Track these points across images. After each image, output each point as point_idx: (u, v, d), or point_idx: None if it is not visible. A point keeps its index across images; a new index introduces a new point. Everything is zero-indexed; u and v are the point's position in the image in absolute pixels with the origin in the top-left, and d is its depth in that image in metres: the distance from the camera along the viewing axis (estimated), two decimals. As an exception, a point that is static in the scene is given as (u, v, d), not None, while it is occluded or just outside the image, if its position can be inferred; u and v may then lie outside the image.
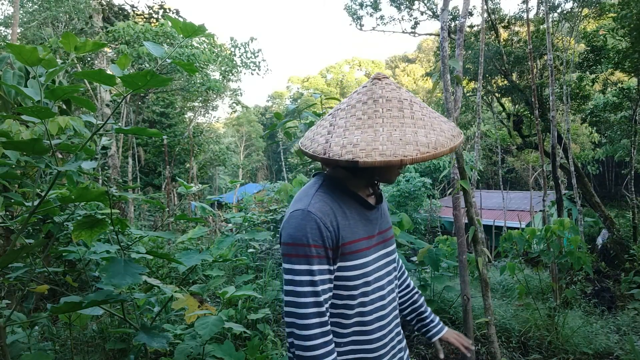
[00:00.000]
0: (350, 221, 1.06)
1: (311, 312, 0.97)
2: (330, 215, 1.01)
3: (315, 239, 0.98)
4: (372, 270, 1.10)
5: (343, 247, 1.03)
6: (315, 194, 1.05)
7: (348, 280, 1.05)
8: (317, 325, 0.97)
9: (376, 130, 0.95)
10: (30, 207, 1.43)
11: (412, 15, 12.81)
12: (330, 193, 1.06)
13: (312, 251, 0.98)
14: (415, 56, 58.69)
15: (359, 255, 1.06)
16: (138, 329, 1.77)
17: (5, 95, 2.02)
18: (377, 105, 1.01)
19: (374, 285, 1.10)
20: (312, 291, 0.98)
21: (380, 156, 0.90)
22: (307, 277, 0.98)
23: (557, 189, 6.30)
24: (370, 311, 1.09)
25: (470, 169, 2.47)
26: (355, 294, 1.06)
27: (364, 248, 1.08)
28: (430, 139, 0.95)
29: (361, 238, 1.08)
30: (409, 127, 0.96)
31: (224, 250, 4.01)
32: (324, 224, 0.99)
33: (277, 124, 2.81)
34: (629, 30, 7.88)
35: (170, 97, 17.48)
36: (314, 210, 1.00)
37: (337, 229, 1.02)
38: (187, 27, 1.44)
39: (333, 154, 0.94)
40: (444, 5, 2.31)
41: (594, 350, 3.33)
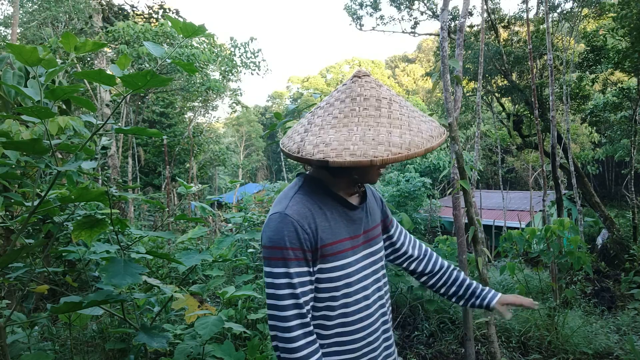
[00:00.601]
0: (330, 222, 1.05)
1: (291, 314, 0.97)
2: (308, 217, 1.01)
3: (293, 241, 0.98)
4: (355, 270, 1.09)
5: (323, 248, 1.02)
6: (294, 196, 1.04)
7: (329, 281, 1.04)
8: (298, 326, 0.97)
9: (350, 130, 0.94)
10: (30, 207, 1.43)
11: (412, 15, 12.81)
12: (310, 194, 1.06)
13: (290, 254, 0.98)
14: (415, 56, 58.69)
15: (341, 257, 1.06)
16: (138, 329, 1.77)
17: (5, 95, 2.02)
18: (355, 103, 1.00)
19: (357, 286, 1.09)
20: (291, 293, 0.98)
21: (351, 156, 0.89)
22: (285, 280, 0.98)
23: (557, 189, 6.30)
24: (353, 312, 1.08)
25: (470, 169, 2.47)
26: (337, 295, 1.05)
27: (346, 249, 1.08)
28: (404, 140, 0.93)
29: (343, 239, 1.07)
30: (383, 127, 0.95)
31: (224, 250, 4.01)
32: (301, 226, 0.99)
33: (277, 124, 2.81)
34: (629, 30, 7.88)
35: (170, 97, 17.48)
36: (291, 212, 1.00)
37: (315, 231, 1.01)
38: (187, 27, 1.45)
39: (305, 152, 0.94)
40: (443, 5, 2.31)
41: (594, 350, 3.33)
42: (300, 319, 0.98)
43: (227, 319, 2.62)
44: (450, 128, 2.21)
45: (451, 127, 2.20)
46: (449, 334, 3.63)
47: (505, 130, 13.88)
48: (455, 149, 2.22)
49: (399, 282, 4.05)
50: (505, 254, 5.56)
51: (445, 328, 3.74)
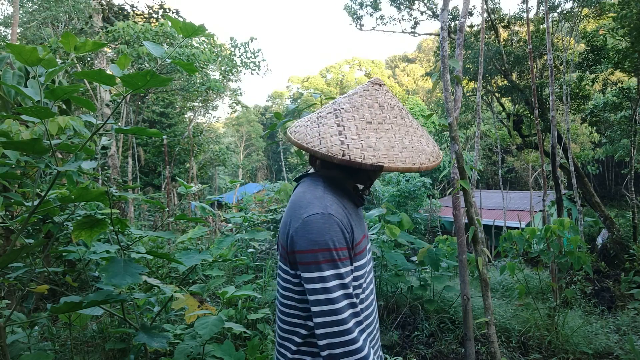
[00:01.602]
0: (354, 221, 1.06)
1: (349, 314, 0.94)
2: (345, 216, 1.01)
3: (341, 241, 0.97)
4: (370, 268, 1.14)
5: (355, 247, 1.03)
6: (325, 195, 1.02)
7: (356, 279, 1.04)
8: (355, 325, 0.95)
9: (390, 137, 0.99)
10: (30, 207, 1.43)
11: (412, 15, 12.81)
12: (335, 194, 1.05)
13: (340, 254, 0.96)
14: (415, 56, 58.69)
15: (363, 255, 1.08)
16: (138, 329, 1.77)
17: (5, 95, 2.02)
18: (384, 111, 1.04)
19: (371, 284, 1.14)
20: (345, 294, 0.95)
21: (402, 163, 0.94)
22: (337, 282, 0.95)
23: (557, 189, 6.30)
24: (367, 307, 1.10)
25: (470, 169, 2.47)
26: (357, 293, 1.05)
27: (365, 247, 1.10)
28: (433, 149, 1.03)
29: (362, 237, 1.10)
30: (414, 136, 1.03)
31: (224, 250, 4.01)
32: (344, 225, 0.99)
33: (277, 124, 2.82)
34: (629, 30, 7.88)
35: (170, 97, 17.48)
36: (333, 212, 0.98)
37: (352, 230, 1.02)
38: (187, 27, 1.45)
39: (354, 156, 0.94)
40: (443, 5, 2.31)
41: (594, 350, 3.34)
42: (355, 317, 0.95)
43: (227, 319, 2.62)
44: (450, 128, 2.21)
45: (451, 127, 2.20)
46: (449, 334, 3.63)
47: (505, 130, 13.88)
48: (455, 149, 2.22)
49: (399, 282, 4.05)
50: (505, 254, 5.56)
51: (445, 328, 3.74)
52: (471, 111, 13.65)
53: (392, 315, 3.87)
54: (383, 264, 4.11)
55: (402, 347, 3.44)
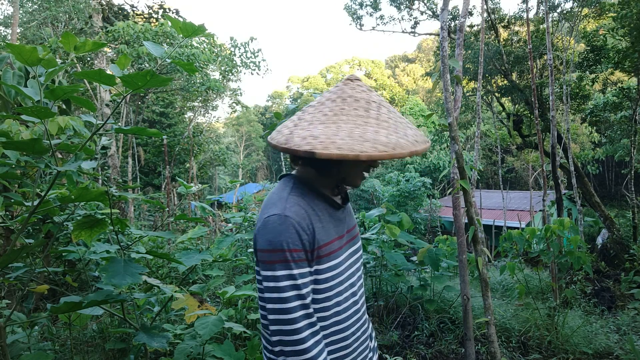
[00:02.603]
0: (323, 223, 1.06)
1: (299, 315, 0.97)
2: (306, 218, 1.01)
3: (296, 243, 0.98)
4: (344, 269, 1.12)
5: (319, 249, 1.03)
6: (288, 197, 1.05)
7: (324, 282, 1.05)
8: (306, 327, 0.98)
9: (339, 127, 0.97)
10: (30, 207, 1.43)
11: (412, 15, 12.81)
12: (303, 195, 1.06)
13: (293, 256, 0.98)
14: (415, 56, 58.68)
15: (333, 257, 1.07)
16: (138, 329, 1.77)
17: (5, 95, 2.02)
18: (345, 103, 1.03)
19: (346, 284, 1.12)
20: (297, 295, 0.97)
21: (338, 149, 0.91)
22: (289, 282, 0.97)
23: (557, 189, 6.30)
24: (345, 309, 1.10)
25: (470, 169, 2.47)
26: (331, 295, 1.07)
27: (336, 249, 1.09)
28: (390, 140, 0.95)
29: (334, 239, 1.09)
30: (371, 127, 0.97)
31: (224, 250, 4.01)
32: (301, 227, 0.99)
33: (277, 124, 2.81)
34: (629, 29, 7.88)
35: (170, 97, 17.48)
36: (290, 214, 1.00)
37: (313, 232, 1.02)
38: (187, 27, 1.45)
39: (293, 144, 0.96)
40: (443, 5, 2.31)
41: (594, 350, 3.34)
42: (307, 319, 0.98)
43: (227, 319, 2.62)
44: (450, 128, 2.20)
45: (451, 126, 2.20)
46: (449, 333, 3.63)
47: (505, 130, 13.87)
48: (455, 148, 2.22)
49: (399, 282, 4.05)
50: (505, 253, 5.56)
51: (445, 328, 3.74)
52: (471, 111, 13.66)
53: (392, 315, 3.87)
54: (383, 264, 4.11)
55: (402, 347, 3.44)
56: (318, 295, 1.05)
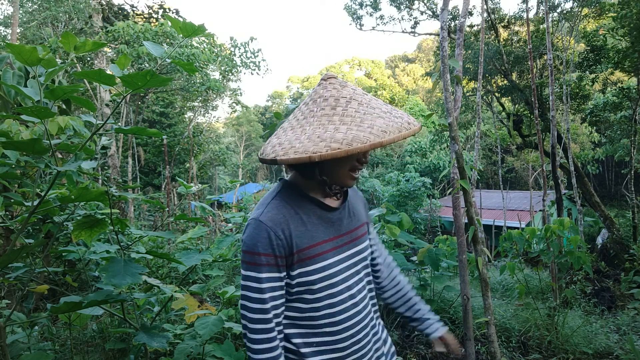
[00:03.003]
0: (307, 226, 1.08)
1: (257, 317, 1.02)
2: (282, 223, 1.04)
3: (265, 247, 1.02)
4: (338, 271, 1.11)
5: (300, 253, 1.05)
6: (270, 202, 1.09)
7: (311, 284, 1.07)
8: (260, 331, 1.02)
9: (303, 130, 0.98)
10: (30, 207, 1.43)
11: (412, 15, 12.81)
12: (287, 199, 1.09)
13: (262, 260, 1.02)
14: (415, 56, 58.69)
15: (320, 259, 1.08)
16: (138, 328, 1.77)
17: (5, 95, 2.02)
18: (315, 104, 1.04)
19: (341, 286, 1.11)
20: (258, 298, 1.02)
21: (294, 154, 0.93)
22: (255, 284, 1.03)
23: (557, 189, 6.30)
24: (339, 312, 1.10)
25: (470, 169, 2.47)
26: (320, 297, 1.08)
27: (325, 251, 1.09)
28: (347, 135, 0.93)
29: (321, 241, 1.09)
30: (332, 125, 0.97)
31: (224, 250, 4.01)
32: (274, 232, 1.02)
33: (277, 124, 2.82)
34: (629, 29, 7.88)
35: (170, 97, 17.48)
36: (265, 219, 1.03)
37: (289, 237, 1.04)
38: (187, 27, 1.44)
39: (264, 153, 1.01)
40: (443, 4, 2.31)
41: (594, 350, 3.33)
42: (263, 324, 1.03)
43: (227, 318, 2.62)
44: (450, 128, 2.21)
45: (451, 126, 2.20)
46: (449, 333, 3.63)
47: (505, 130, 13.87)
48: (455, 148, 2.22)
49: (399, 282, 4.05)
50: (505, 253, 5.56)
51: (445, 328, 3.74)
52: (471, 111, 13.65)
53: (392, 315, 3.87)
54: (383, 264, 4.11)
55: (402, 347, 3.44)
56: (307, 295, 1.07)
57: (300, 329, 1.10)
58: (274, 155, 0.97)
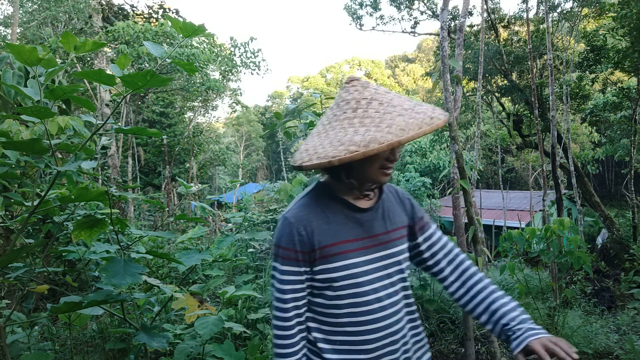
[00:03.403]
0: (332, 225, 1.11)
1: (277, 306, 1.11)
2: (304, 220, 1.10)
3: (287, 242, 1.09)
4: (363, 272, 1.11)
5: (322, 250, 1.09)
6: (299, 201, 1.15)
7: (333, 281, 1.10)
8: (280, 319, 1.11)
9: (327, 135, 1.02)
10: (30, 207, 1.43)
11: (412, 14, 12.81)
12: (316, 199, 1.15)
13: (285, 253, 1.10)
14: (415, 56, 58.68)
15: (343, 257, 1.10)
16: (138, 328, 1.77)
17: (5, 95, 2.02)
18: (338, 108, 1.06)
19: (366, 287, 1.11)
20: (279, 289, 1.10)
21: (317, 159, 0.97)
22: (277, 275, 1.11)
23: (557, 189, 6.30)
24: (363, 312, 1.10)
25: (470, 169, 2.47)
26: (342, 294, 1.10)
27: (349, 250, 1.11)
28: (365, 137, 0.96)
29: (345, 241, 1.11)
30: (352, 127, 1.00)
31: (224, 250, 4.01)
32: (296, 229, 1.09)
33: (277, 124, 2.82)
34: (629, 29, 7.88)
35: (170, 97, 17.48)
36: (289, 216, 1.11)
37: (311, 233, 1.09)
38: (187, 27, 1.45)
39: (294, 161, 1.05)
40: (443, 4, 2.31)
41: (594, 350, 3.34)
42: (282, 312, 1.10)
43: (227, 318, 2.62)
44: (450, 128, 2.21)
45: (451, 126, 2.20)
46: (449, 333, 3.63)
47: (505, 130, 13.87)
48: (455, 148, 2.22)
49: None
50: (505, 253, 5.56)
51: (445, 328, 3.74)
52: (471, 111, 13.65)
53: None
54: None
55: None
56: (329, 292, 1.11)
57: (321, 324, 1.13)
58: (300, 161, 1.01)
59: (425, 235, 1.26)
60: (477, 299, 1.21)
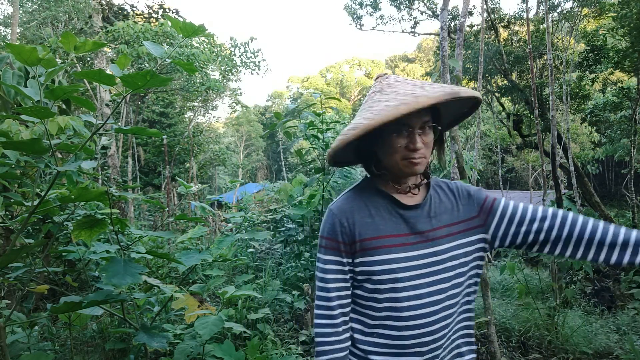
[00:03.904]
0: (375, 219, 1.13)
1: (320, 295, 1.14)
2: (347, 212, 1.13)
3: (330, 232, 1.13)
4: (402, 268, 1.09)
5: (362, 242, 1.11)
6: (345, 194, 1.20)
7: (372, 274, 1.11)
8: (322, 307, 1.13)
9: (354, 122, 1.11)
10: (30, 207, 1.43)
11: (412, 14, 12.80)
12: (360, 193, 1.18)
13: (326, 243, 1.14)
14: (415, 56, 58.70)
15: (383, 251, 1.10)
16: (138, 328, 1.77)
17: (5, 95, 2.02)
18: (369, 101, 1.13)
19: (405, 284, 1.09)
20: (322, 277, 1.14)
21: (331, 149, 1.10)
22: (321, 265, 1.15)
23: (557, 189, 6.29)
24: (402, 308, 1.09)
25: (470, 169, 2.47)
26: (381, 288, 1.10)
27: (390, 245, 1.11)
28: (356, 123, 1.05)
29: (387, 235, 1.11)
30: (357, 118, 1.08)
31: (224, 250, 4.01)
32: (339, 220, 1.13)
33: (277, 124, 2.82)
34: (629, 29, 7.88)
35: (170, 97, 17.48)
36: (333, 207, 1.16)
37: (352, 225, 1.12)
38: (187, 27, 1.44)
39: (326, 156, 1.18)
40: (443, 4, 2.31)
41: (594, 350, 3.33)
42: (325, 301, 1.13)
43: (227, 318, 2.62)
44: (450, 128, 2.20)
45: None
46: (449, 333, 3.63)
47: (505, 130, 13.87)
48: (455, 148, 2.22)
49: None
50: (505, 253, 5.56)
51: (445, 328, 3.73)
52: (471, 111, 13.62)
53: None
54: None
55: None
56: (367, 284, 1.13)
57: (361, 316, 1.16)
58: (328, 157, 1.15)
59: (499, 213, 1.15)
60: (577, 237, 1.07)
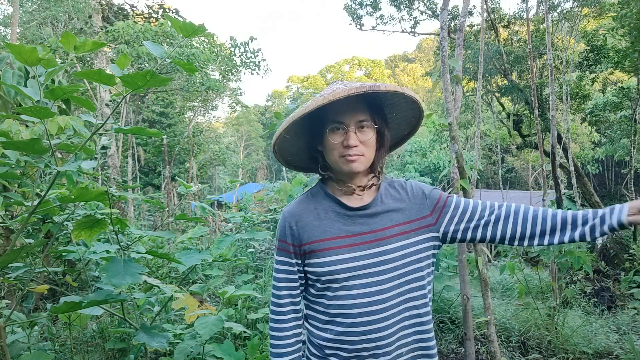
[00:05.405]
0: (323, 221, 1.17)
1: (273, 292, 1.22)
2: (296, 216, 1.19)
3: (281, 235, 1.20)
4: (350, 268, 1.11)
5: (310, 245, 1.16)
6: (298, 198, 1.25)
7: (320, 275, 1.14)
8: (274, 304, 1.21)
9: None
10: (30, 207, 1.43)
11: (412, 14, 12.80)
12: (312, 196, 1.24)
13: (278, 244, 1.21)
14: (415, 56, 58.70)
15: (329, 253, 1.13)
16: (138, 328, 1.77)
17: (5, 95, 2.02)
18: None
19: (354, 282, 1.12)
20: (276, 277, 1.21)
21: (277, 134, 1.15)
22: (275, 265, 1.22)
23: (557, 189, 6.30)
24: (352, 305, 1.12)
25: (470, 169, 2.47)
26: (331, 287, 1.14)
27: (336, 247, 1.13)
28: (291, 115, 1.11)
29: (333, 237, 1.14)
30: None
31: (224, 250, 4.01)
32: (288, 223, 1.19)
33: (277, 124, 2.82)
34: (629, 29, 7.89)
35: (169, 97, 17.48)
36: (285, 211, 1.22)
37: (301, 228, 1.17)
38: (187, 27, 1.44)
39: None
40: (443, 4, 2.31)
41: (594, 350, 3.33)
42: (276, 299, 1.21)
43: (227, 318, 2.62)
44: (450, 127, 2.21)
45: (451, 126, 2.20)
46: (449, 333, 3.64)
47: (505, 130, 13.87)
48: (455, 148, 2.22)
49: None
50: (505, 253, 5.56)
51: (445, 328, 3.74)
52: (471, 111, 13.65)
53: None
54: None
55: None
56: (319, 284, 1.17)
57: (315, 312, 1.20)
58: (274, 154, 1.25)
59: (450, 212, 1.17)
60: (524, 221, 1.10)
